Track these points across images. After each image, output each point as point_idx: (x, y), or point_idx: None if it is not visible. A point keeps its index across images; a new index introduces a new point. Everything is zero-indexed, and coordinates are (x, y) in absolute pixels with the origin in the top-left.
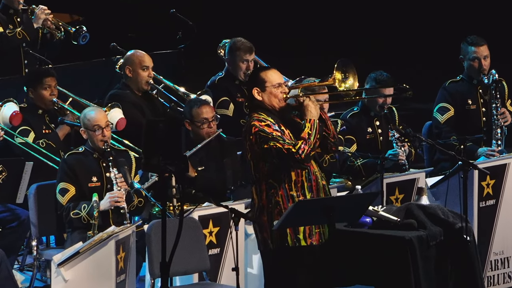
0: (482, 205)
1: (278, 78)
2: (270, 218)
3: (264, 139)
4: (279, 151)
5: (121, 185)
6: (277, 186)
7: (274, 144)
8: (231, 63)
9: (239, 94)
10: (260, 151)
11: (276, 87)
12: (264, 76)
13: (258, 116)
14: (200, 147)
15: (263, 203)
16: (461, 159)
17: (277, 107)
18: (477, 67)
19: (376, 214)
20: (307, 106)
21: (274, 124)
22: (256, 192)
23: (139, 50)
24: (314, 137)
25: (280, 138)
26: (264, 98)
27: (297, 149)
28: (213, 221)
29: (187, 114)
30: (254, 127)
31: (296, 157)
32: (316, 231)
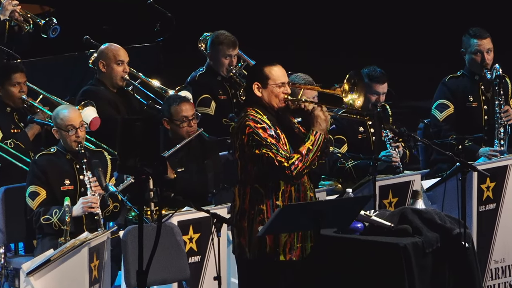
0: (482, 209)
1: (282, 77)
2: (250, 224)
3: (256, 143)
4: (270, 161)
5: (96, 189)
6: (263, 193)
7: (266, 152)
8: (213, 58)
9: (221, 91)
10: (250, 154)
11: (279, 86)
12: (268, 72)
13: (254, 115)
14: (180, 148)
15: (245, 207)
16: (459, 160)
17: (276, 107)
18: (479, 61)
19: (368, 219)
20: (317, 117)
21: (270, 128)
22: (239, 194)
23: (114, 44)
24: (314, 154)
25: (274, 147)
26: (264, 95)
27: (290, 164)
28: (193, 227)
29: (166, 112)
30: (249, 128)
31: (287, 173)
32: (298, 246)
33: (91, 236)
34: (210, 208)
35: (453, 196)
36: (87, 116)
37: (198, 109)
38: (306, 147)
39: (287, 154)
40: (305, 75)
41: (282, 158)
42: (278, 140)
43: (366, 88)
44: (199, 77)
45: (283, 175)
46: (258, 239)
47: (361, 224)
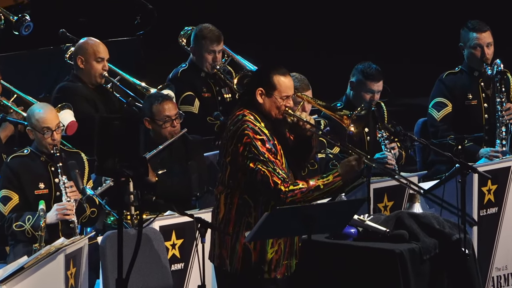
0: (483, 213)
1: (289, 90)
2: (234, 237)
3: (253, 156)
4: (264, 180)
5: (71, 195)
6: (251, 205)
7: (262, 169)
8: (196, 53)
9: (205, 89)
10: (244, 165)
11: (283, 99)
12: (276, 81)
13: (253, 123)
14: (162, 148)
15: (231, 217)
16: (458, 161)
17: (273, 117)
18: (479, 56)
19: (362, 224)
20: (351, 165)
21: (269, 141)
22: (225, 202)
23: (93, 38)
24: (320, 195)
25: (271, 165)
26: (265, 103)
27: (288, 191)
28: (176, 232)
29: (147, 111)
30: (247, 138)
31: (281, 197)
32: (284, 263)
33: (67, 242)
34: (194, 212)
35: (452, 199)
36: (63, 120)
37: (181, 108)
38: (317, 183)
39: (284, 175)
40: (301, 77)
41: (278, 180)
42: (276, 155)
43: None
44: (182, 74)
45: (275, 197)
46: (242, 254)
47: (354, 229)
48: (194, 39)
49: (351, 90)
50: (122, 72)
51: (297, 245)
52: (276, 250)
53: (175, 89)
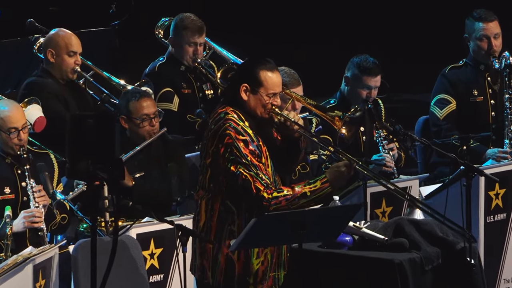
0: (490, 220)
1: (277, 87)
2: (216, 246)
3: (234, 158)
4: (245, 185)
5: (40, 200)
6: (235, 212)
7: (243, 173)
8: (175, 45)
9: (184, 84)
10: (224, 168)
11: (269, 96)
12: (262, 77)
13: (236, 122)
14: (139, 149)
15: (213, 225)
16: (463, 163)
17: (258, 116)
18: (485, 48)
19: (358, 231)
20: (340, 171)
21: (253, 142)
22: (206, 209)
23: (64, 29)
24: (306, 203)
25: (254, 168)
26: (250, 101)
27: (271, 198)
28: (155, 241)
29: (123, 109)
30: (229, 138)
31: (264, 205)
32: (270, 275)
33: (36, 251)
34: (174, 219)
35: (457, 204)
36: (31, 116)
37: (159, 105)
38: (304, 190)
39: (268, 180)
40: (290, 71)
41: (261, 186)
42: (260, 157)
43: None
44: (159, 68)
45: (257, 205)
46: (225, 265)
47: (349, 237)
48: (174, 29)
49: (346, 86)
50: (96, 67)
51: (285, 255)
52: (262, 261)
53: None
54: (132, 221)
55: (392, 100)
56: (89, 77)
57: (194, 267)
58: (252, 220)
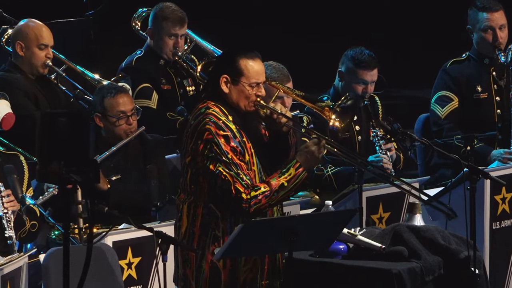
0: (496, 226)
1: (259, 75)
2: (200, 253)
3: (214, 156)
4: (225, 186)
5: (8, 205)
6: (219, 216)
7: (222, 173)
8: (154, 37)
9: (164, 80)
10: (203, 166)
11: (252, 86)
12: (243, 65)
13: (218, 116)
14: (116, 150)
15: (195, 231)
16: (467, 165)
17: (243, 109)
18: (490, 41)
19: (353, 239)
20: (310, 150)
21: (234, 138)
22: (188, 214)
23: (35, 20)
24: (286, 194)
25: (234, 168)
26: (232, 93)
27: (250, 198)
28: (132, 249)
29: (98, 106)
30: (208, 133)
31: (243, 207)
32: (263, 284)
33: (4, 261)
34: (153, 226)
35: (460, 210)
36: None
37: (136, 102)
38: (280, 182)
39: (248, 181)
40: (279, 66)
41: (241, 187)
42: (243, 155)
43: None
44: (137, 62)
45: (237, 207)
46: (209, 273)
47: (344, 245)
48: (153, 20)
49: (340, 81)
50: (69, 61)
51: (280, 262)
52: (250, 268)
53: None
54: (107, 227)
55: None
56: (61, 71)
57: (177, 278)
58: (238, 227)
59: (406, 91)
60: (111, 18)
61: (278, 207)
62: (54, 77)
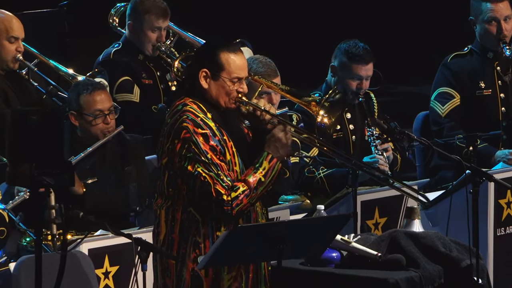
0: (501, 233)
1: (241, 70)
2: (180, 262)
3: (192, 156)
4: (204, 188)
5: None
6: (199, 221)
7: (202, 174)
8: (135, 31)
9: (144, 74)
10: (181, 167)
11: (233, 81)
12: (224, 59)
13: (196, 113)
14: (92, 151)
15: (174, 237)
16: (469, 167)
17: (223, 106)
18: (494, 33)
19: (347, 246)
20: (276, 140)
21: (214, 136)
22: (166, 219)
23: (4, 11)
24: (265, 188)
25: (214, 168)
26: (211, 88)
27: (231, 199)
28: (110, 257)
29: (73, 103)
30: (186, 132)
31: (225, 209)
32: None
33: None
34: (132, 232)
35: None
36: None
37: (117, 97)
38: (257, 178)
39: (229, 182)
40: (266, 60)
41: (222, 189)
42: (224, 154)
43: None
44: (115, 55)
45: (219, 210)
46: (190, 283)
47: (337, 253)
48: (133, 14)
49: (333, 77)
50: (41, 54)
51: (265, 269)
52: (234, 276)
53: (108, 74)
54: (83, 234)
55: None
56: (33, 66)
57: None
58: (223, 233)
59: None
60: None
61: (262, 210)
62: (25, 72)
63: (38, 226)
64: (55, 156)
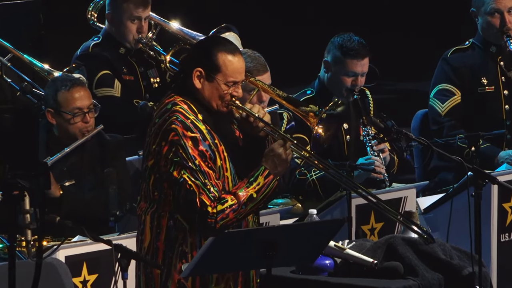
0: (505, 239)
1: (238, 74)
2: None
3: (179, 161)
4: (189, 197)
5: None
6: (186, 229)
7: (187, 181)
8: (114, 22)
9: (125, 69)
10: (166, 171)
11: (229, 85)
12: (221, 61)
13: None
14: (70, 151)
15: (160, 245)
16: (471, 168)
17: (215, 108)
18: (497, 26)
19: (341, 253)
20: (275, 155)
21: (204, 140)
22: (151, 225)
23: None
24: (256, 205)
25: (201, 176)
26: (204, 89)
27: (217, 212)
28: (88, 265)
29: (50, 100)
30: (174, 134)
31: (208, 222)
32: None
33: None
34: (112, 238)
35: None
36: None
37: (97, 92)
38: (248, 193)
39: (216, 193)
40: (255, 54)
41: (207, 199)
42: (213, 160)
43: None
44: (94, 48)
45: (202, 222)
46: None
47: (330, 260)
48: (112, 3)
49: (326, 72)
50: (15, 49)
51: (254, 281)
52: (223, 287)
53: (87, 69)
54: (59, 240)
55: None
56: (6, 61)
57: None
58: (209, 240)
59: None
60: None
61: (254, 219)
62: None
63: (12, 232)
64: (30, 157)
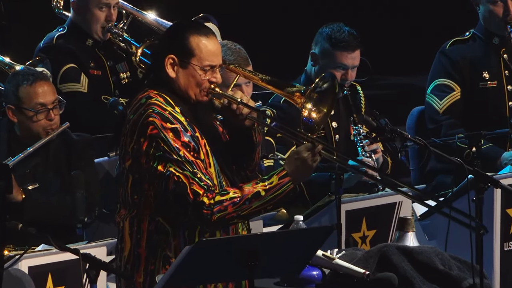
0: (508, 247)
1: (214, 57)
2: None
3: (162, 155)
4: (178, 190)
5: None
6: (169, 232)
7: (175, 174)
8: (80, 10)
9: (93, 63)
10: (149, 169)
11: (205, 70)
12: (194, 44)
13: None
14: (33, 152)
15: (141, 252)
16: (472, 170)
17: (193, 99)
18: (500, 15)
19: (330, 263)
20: (302, 158)
21: (186, 131)
22: (131, 231)
23: None
24: (263, 205)
25: (189, 166)
26: (179, 78)
27: (214, 203)
28: (53, 276)
29: (11, 96)
30: (153, 128)
31: (204, 213)
32: None
33: None
34: (79, 247)
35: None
36: None
37: (62, 87)
38: (255, 189)
39: (208, 181)
40: (236, 46)
41: (199, 188)
42: (197, 152)
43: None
44: (59, 40)
45: (196, 215)
46: None
47: (318, 271)
48: None
49: (314, 66)
50: None
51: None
52: None
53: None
54: (22, 249)
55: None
56: None
57: None
58: (185, 249)
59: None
60: None
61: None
62: None
63: None
64: None
